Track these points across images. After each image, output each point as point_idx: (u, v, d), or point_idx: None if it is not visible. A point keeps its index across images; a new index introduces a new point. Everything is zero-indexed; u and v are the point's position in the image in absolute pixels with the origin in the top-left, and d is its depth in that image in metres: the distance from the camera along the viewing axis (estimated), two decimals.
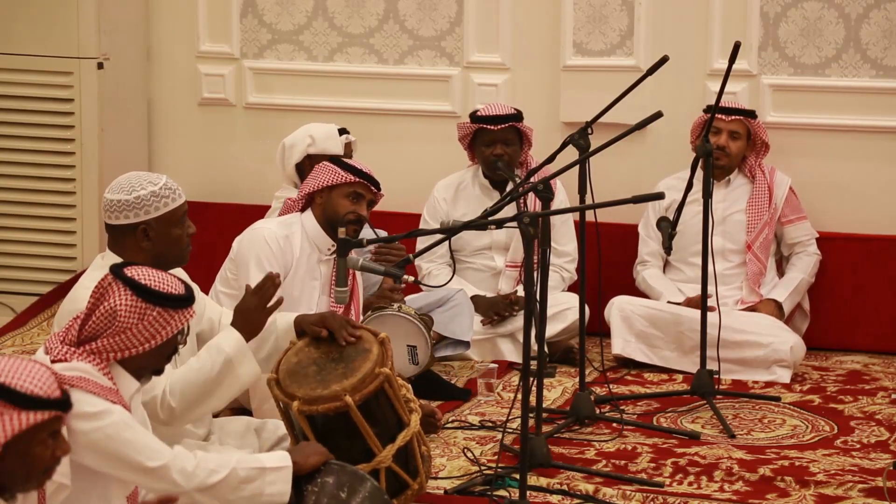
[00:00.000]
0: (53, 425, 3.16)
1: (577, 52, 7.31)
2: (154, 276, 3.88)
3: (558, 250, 6.81)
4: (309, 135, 6.42)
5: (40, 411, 3.11)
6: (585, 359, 5.98)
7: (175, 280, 3.91)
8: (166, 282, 3.88)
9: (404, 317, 6.02)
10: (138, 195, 4.48)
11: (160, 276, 3.89)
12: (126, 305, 3.82)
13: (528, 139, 6.80)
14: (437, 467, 5.27)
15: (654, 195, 4.89)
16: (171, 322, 3.86)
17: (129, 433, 3.77)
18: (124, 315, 3.81)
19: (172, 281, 3.90)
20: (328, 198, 5.68)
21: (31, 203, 7.67)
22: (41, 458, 3.16)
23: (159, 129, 7.97)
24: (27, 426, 3.10)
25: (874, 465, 5.38)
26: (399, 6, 7.59)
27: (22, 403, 3.09)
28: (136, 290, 3.83)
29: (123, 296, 3.83)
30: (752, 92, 7.19)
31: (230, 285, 5.74)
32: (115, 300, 3.82)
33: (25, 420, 3.10)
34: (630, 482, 5.18)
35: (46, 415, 3.12)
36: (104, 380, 3.80)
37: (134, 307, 3.82)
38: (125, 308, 3.82)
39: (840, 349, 7.08)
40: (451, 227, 5.09)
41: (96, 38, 7.49)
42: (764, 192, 6.87)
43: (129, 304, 3.82)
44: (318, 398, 4.43)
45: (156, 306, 3.84)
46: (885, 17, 7.04)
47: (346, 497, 4.13)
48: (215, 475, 3.91)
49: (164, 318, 3.84)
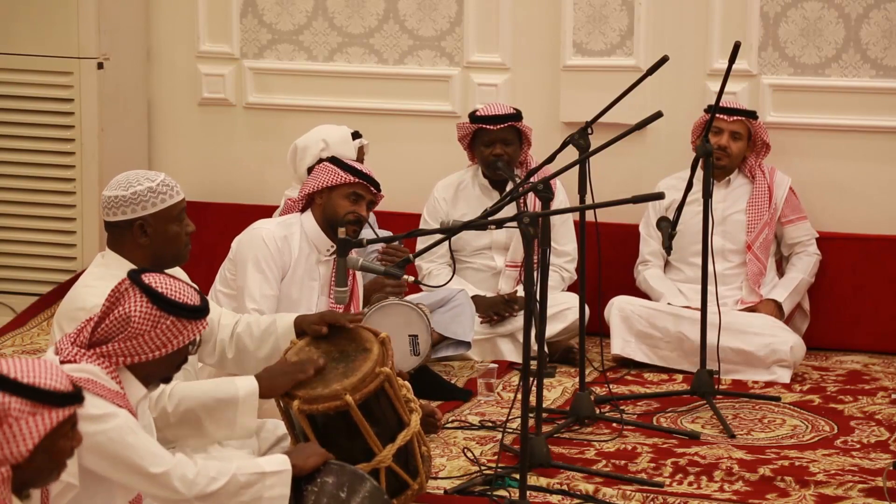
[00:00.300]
0: (73, 418, 3.20)
1: (577, 52, 7.31)
2: (171, 284, 3.89)
3: (558, 250, 6.80)
4: (322, 139, 6.37)
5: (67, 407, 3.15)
6: (585, 359, 5.98)
7: (191, 290, 3.92)
8: (182, 291, 3.89)
9: (406, 304, 6.01)
10: (135, 191, 4.49)
11: (176, 286, 3.89)
12: (140, 312, 3.83)
13: (527, 139, 6.80)
14: (437, 467, 5.26)
15: (654, 195, 4.89)
16: (183, 332, 3.87)
17: (132, 438, 3.78)
18: (138, 321, 3.82)
19: (188, 291, 3.91)
20: (328, 198, 5.68)
21: (31, 203, 7.67)
22: (65, 451, 3.20)
23: (159, 129, 7.97)
24: (57, 423, 3.14)
25: (874, 465, 5.38)
26: (399, 6, 7.59)
27: (51, 401, 3.13)
28: (152, 297, 3.84)
29: (139, 302, 3.84)
30: (752, 92, 7.19)
31: (229, 285, 5.73)
32: (129, 306, 3.83)
33: (56, 417, 3.14)
34: (630, 482, 5.18)
35: (72, 409, 3.17)
36: (112, 383, 3.80)
37: (148, 314, 3.83)
38: (139, 314, 3.83)
39: (840, 349, 7.08)
40: (451, 227, 5.09)
41: (96, 38, 7.49)
42: (764, 193, 6.87)
43: (144, 311, 3.83)
44: (319, 397, 4.43)
45: (170, 315, 3.84)
46: (885, 17, 7.04)
47: (346, 497, 4.13)
48: (216, 483, 3.92)
49: (177, 327, 3.85)
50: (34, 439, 3.11)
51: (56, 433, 3.15)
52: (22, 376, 3.12)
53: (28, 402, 3.11)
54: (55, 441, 3.16)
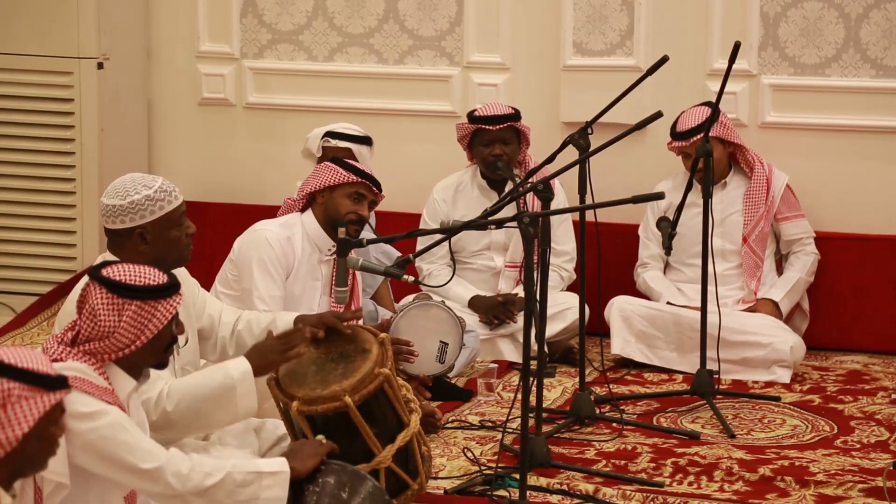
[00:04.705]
0: (62, 404, 3.22)
1: (577, 52, 7.31)
2: (129, 271, 3.85)
3: (557, 249, 6.80)
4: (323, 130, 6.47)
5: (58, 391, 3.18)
6: (585, 359, 5.98)
7: (154, 272, 3.88)
8: (142, 275, 3.85)
9: (448, 311, 6.01)
10: (132, 200, 4.47)
11: (136, 271, 3.86)
12: (103, 304, 3.81)
13: (526, 138, 6.80)
14: (437, 467, 5.27)
15: (654, 195, 4.89)
16: (155, 314, 3.84)
17: (124, 435, 3.77)
18: (103, 313, 3.81)
19: (150, 273, 3.86)
20: (329, 198, 5.69)
21: (31, 203, 7.67)
22: (55, 438, 3.23)
23: (159, 129, 7.97)
24: (50, 407, 3.16)
25: (874, 465, 5.38)
26: (399, 6, 7.59)
27: (45, 385, 3.16)
28: (110, 287, 3.82)
29: (99, 294, 3.83)
30: (752, 92, 7.19)
31: (230, 286, 5.74)
32: (93, 300, 3.83)
33: (49, 401, 3.17)
34: (630, 482, 5.18)
35: (61, 394, 3.19)
36: (100, 380, 3.80)
37: (111, 304, 3.81)
38: (102, 306, 3.81)
39: (840, 349, 7.08)
40: (450, 227, 5.09)
41: (96, 38, 7.49)
42: (762, 185, 6.85)
43: (106, 303, 3.81)
44: (318, 398, 4.43)
45: (133, 300, 3.82)
46: (885, 17, 7.04)
47: (346, 497, 4.14)
48: (210, 478, 3.91)
49: (145, 311, 3.83)
50: (28, 423, 3.14)
51: (48, 418, 3.17)
52: (17, 361, 3.16)
53: (25, 387, 3.14)
54: (47, 426, 3.19)
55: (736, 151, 6.88)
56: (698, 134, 6.46)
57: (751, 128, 7.19)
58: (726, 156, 6.85)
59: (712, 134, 6.40)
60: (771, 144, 7.00)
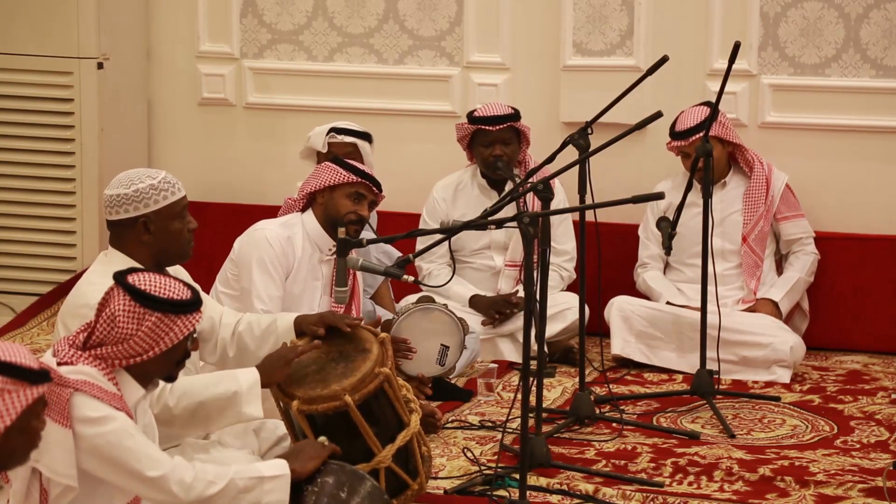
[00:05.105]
0: (44, 398, 3.23)
1: (577, 52, 7.31)
2: (156, 281, 3.85)
3: (556, 249, 6.80)
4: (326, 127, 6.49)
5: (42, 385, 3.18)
6: (585, 359, 5.98)
7: (180, 285, 3.88)
8: (168, 287, 3.85)
9: (450, 314, 6.01)
10: (137, 188, 4.49)
11: (163, 282, 3.86)
12: (124, 311, 3.81)
13: (526, 138, 6.80)
14: (437, 467, 5.27)
15: (654, 195, 4.89)
16: (173, 328, 3.84)
17: (130, 441, 3.77)
18: (122, 320, 3.80)
19: (176, 286, 3.87)
20: (329, 198, 5.69)
21: (31, 203, 7.67)
22: (37, 432, 3.23)
23: (159, 129, 7.97)
24: (33, 400, 3.17)
25: (874, 465, 5.38)
26: (399, 6, 7.59)
27: (28, 378, 3.16)
28: (135, 295, 3.82)
29: (122, 301, 3.82)
30: (752, 92, 7.19)
31: (230, 285, 5.74)
32: (114, 305, 3.82)
33: (31, 394, 3.17)
34: (630, 482, 5.18)
35: (43, 388, 3.19)
36: (108, 385, 3.79)
37: (132, 312, 3.81)
38: (123, 313, 3.81)
39: (840, 349, 7.08)
40: (450, 227, 5.09)
41: (96, 38, 7.49)
42: (761, 185, 6.85)
43: (127, 310, 3.81)
44: (318, 398, 4.43)
45: (154, 312, 3.81)
46: (885, 17, 7.04)
47: (345, 497, 4.14)
48: (213, 486, 3.91)
49: (164, 323, 3.82)
50: (11, 416, 3.14)
51: (30, 412, 3.18)
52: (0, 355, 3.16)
53: (8, 380, 3.15)
54: (29, 420, 3.19)
55: (735, 151, 6.88)
56: (697, 133, 6.47)
57: (751, 128, 7.19)
58: (725, 155, 6.85)
59: (711, 133, 6.40)
60: (771, 144, 7.01)
